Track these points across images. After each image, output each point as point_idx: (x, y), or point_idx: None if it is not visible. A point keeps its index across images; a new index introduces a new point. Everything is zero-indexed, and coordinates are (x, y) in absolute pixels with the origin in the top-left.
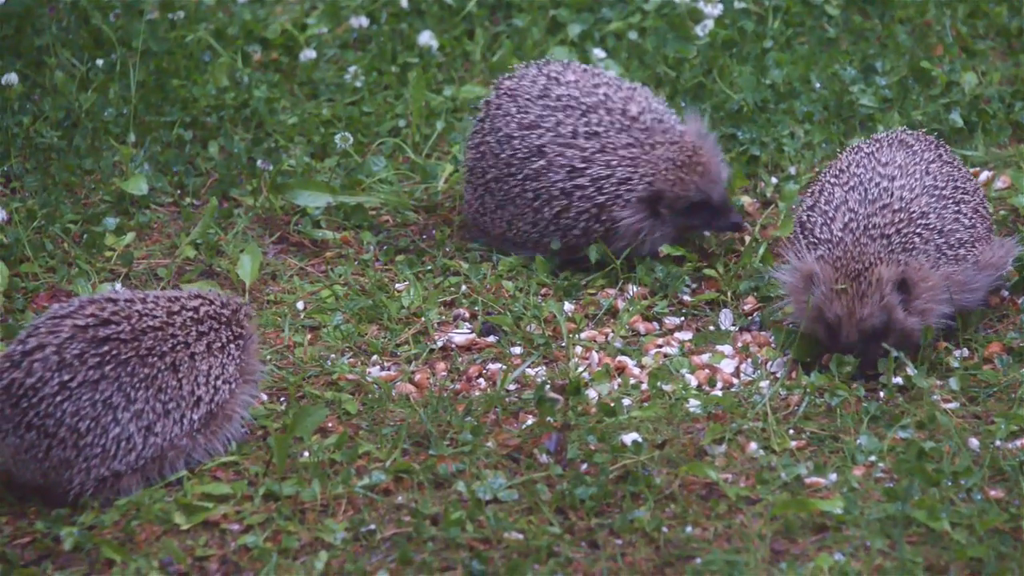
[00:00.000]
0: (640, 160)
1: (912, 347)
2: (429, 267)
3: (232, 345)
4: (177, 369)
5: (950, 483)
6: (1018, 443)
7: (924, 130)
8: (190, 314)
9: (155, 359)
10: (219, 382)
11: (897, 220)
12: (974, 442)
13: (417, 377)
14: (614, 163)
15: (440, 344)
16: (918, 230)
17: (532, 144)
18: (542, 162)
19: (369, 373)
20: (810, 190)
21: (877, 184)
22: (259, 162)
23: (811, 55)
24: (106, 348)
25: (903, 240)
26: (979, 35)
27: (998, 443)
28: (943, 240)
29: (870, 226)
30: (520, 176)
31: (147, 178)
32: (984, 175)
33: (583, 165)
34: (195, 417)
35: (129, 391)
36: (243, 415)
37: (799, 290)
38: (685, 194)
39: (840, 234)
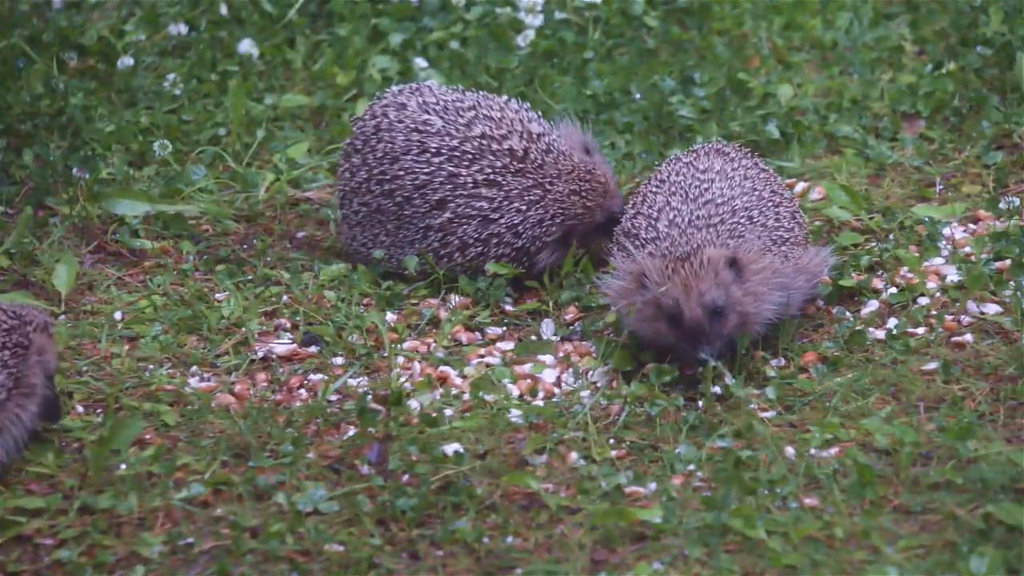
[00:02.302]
0: (546, 201)
1: (751, 335)
2: (250, 277)
3: (7, 352)
4: None
5: (766, 492)
6: (832, 451)
7: (740, 142)
8: None
9: None
10: None
11: (721, 212)
12: (790, 451)
13: (237, 388)
14: (524, 208)
15: (261, 354)
16: (742, 220)
17: (431, 200)
18: (448, 215)
19: (188, 384)
20: (631, 201)
21: (698, 187)
22: (75, 170)
23: (631, 66)
24: None
25: (729, 228)
26: (795, 47)
27: (813, 451)
28: (767, 234)
29: (695, 219)
30: (422, 225)
31: None
32: (799, 186)
33: (496, 216)
34: None
35: None
36: (14, 432)
37: (630, 292)
38: (592, 220)
39: (666, 230)
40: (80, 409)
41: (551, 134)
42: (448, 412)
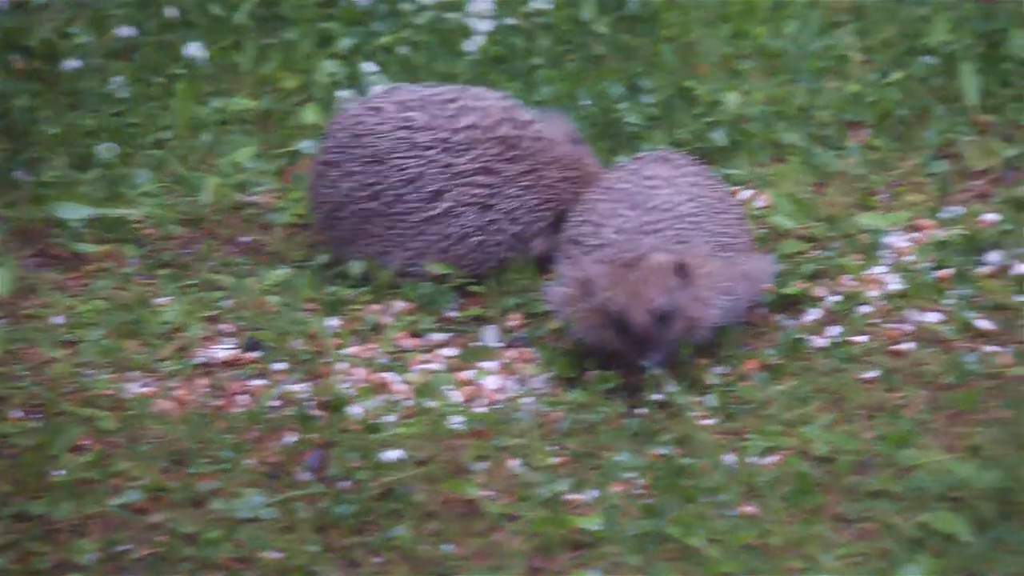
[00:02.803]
0: (540, 186)
1: (696, 341)
2: (193, 281)
3: None
4: None
5: (706, 499)
6: (772, 459)
7: (687, 149)
8: None
9: None
10: None
11: (667, 218)
12: (730, 458)
13: (177, 393)
14: (520, 194)
15: (202, 360)
16: (688, 226)
17: (426, 192)
18: (447, 204)
19: (128, 389)
20: (577, 209)
21: (644, 193)
22: (18, 173)
23: (579, 72)
24: None
25: (675, 234)
26: (742, 55)
27: (752, 459)
28: (712, 240)
29: (641, 225)
30: (417, 220)
31: None
32: (745, 193)
33: (494, 202)
34: None
35: None
36: None
37: (576, 299)
38: None
39: (613, 236)
40: (18, 414)
41: (538, 122)
42: (390, 418)
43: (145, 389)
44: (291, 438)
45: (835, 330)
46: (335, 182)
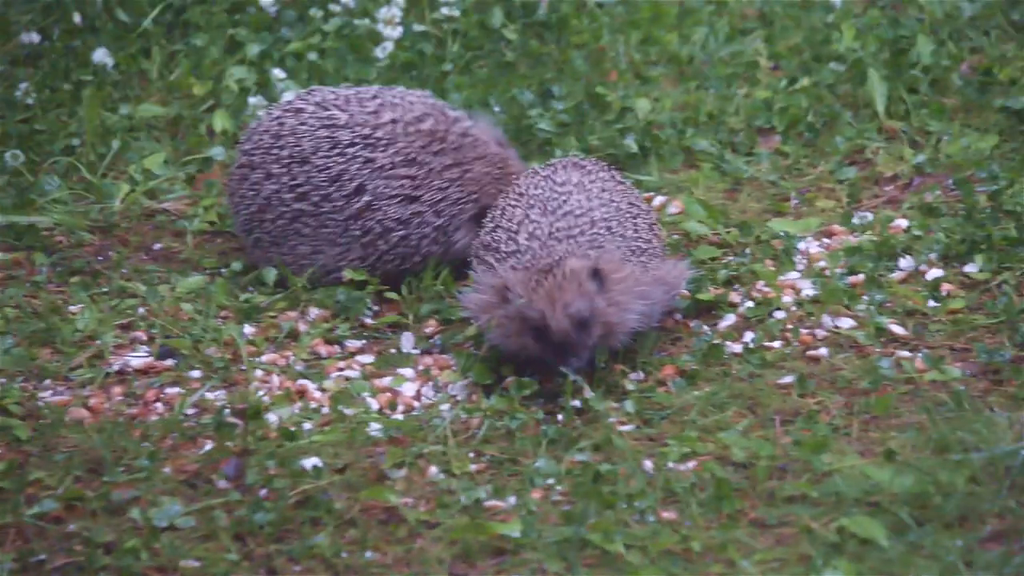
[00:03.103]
0: (464, 179)
1: (613, 347)
2: (105, 289)
3: None
4: None
5: (625, 505)
6: (690, 465)
7: (598, 156)
8: None
9: None
10: None
11: (581, 223)
12: (648, 464)
13: (92, 402)
14: (445, 186)
15: (116, 368)
16: (601, 231)
17: (348, 187)
18: (367, 198)
19: (41, 398)
20: (490, 214)
21: (555, 199)
22: None
23: (490, 79)
24: None
25: (589, 239)
26: (652, 62)
27: (671, 465)
28: (626, 245)
29: (555, 231)
30: (342, 218)
31: None
32: (657, 200)
33: (418, 193)
34: None
35: None
36: None
37: (492, 305)
38: None
39: (527, 243)
40: None
41: (466, 121)
42: (307, 426)
43: (59, 398)
44: (208, 446)
45: (750, 336)
46: (257, 184)
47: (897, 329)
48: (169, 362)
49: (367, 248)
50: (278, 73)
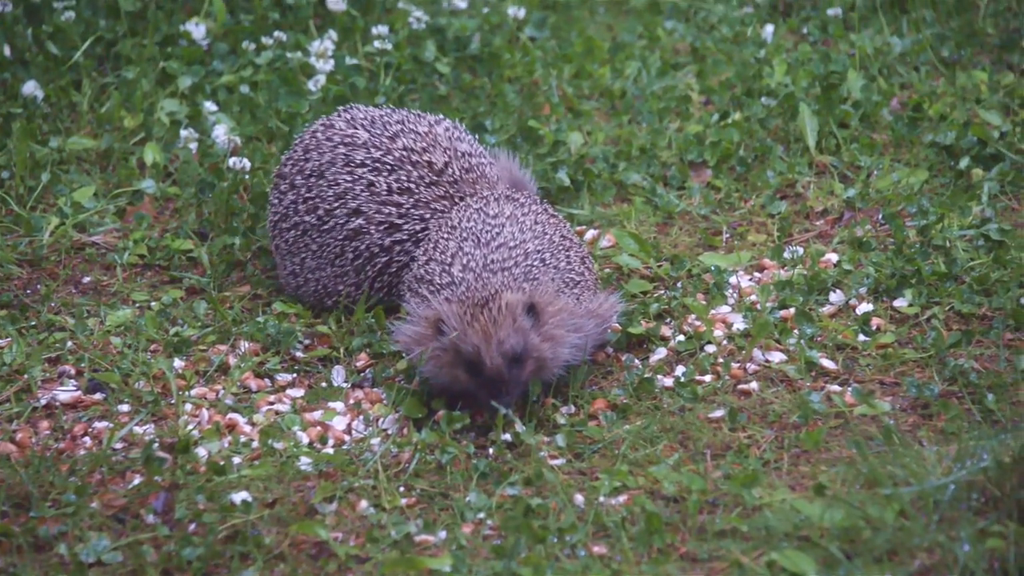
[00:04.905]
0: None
1: (546, 380)
2: (33, 323)
3: None
4: None
5: (556, 539)
6: (621, 499)
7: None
8: None
9: None
10: None
11: (515, 255)
12: (579, 498)
13: (18, 436)
14: (428, 216)
15: (44, 402)
16: (535, 263)
17: (349, 207)
18: (360, 221)
19: None
20: (422, 248)
21: (488, 231)
22: None
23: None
24: None
25: (524, 272)
26: (584, 96)
27: (602, 499)
28: (560, 276)
29: (489, 263)
30: (340, 237)
31: None
32: (590, 233)
33: (400, 222)
34: None
35: None
36: None
37: (425, 338)
38: None
39: (461, 274)
40: None
41: (480, 157)
42: (236, 460)
43: None
44: (136, 480)
45: (681, 369)
46: (282, 194)
47: (827, 363)
48: (98, 396)
49: (359, 273)
50: (210, 106)
